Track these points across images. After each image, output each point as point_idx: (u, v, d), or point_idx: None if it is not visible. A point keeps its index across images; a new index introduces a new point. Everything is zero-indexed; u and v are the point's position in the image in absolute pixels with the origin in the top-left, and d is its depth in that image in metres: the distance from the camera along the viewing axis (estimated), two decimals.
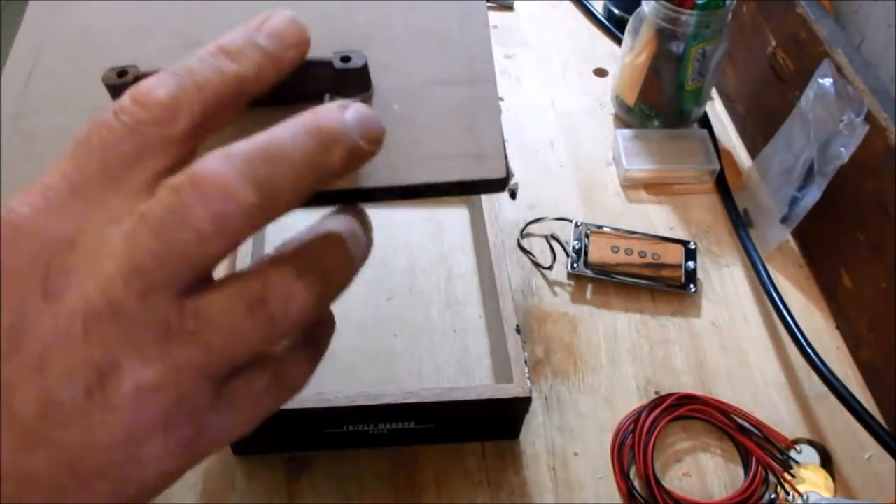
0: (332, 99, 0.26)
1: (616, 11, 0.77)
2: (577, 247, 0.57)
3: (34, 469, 0.20)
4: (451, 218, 0.59)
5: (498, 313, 0.47)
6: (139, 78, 0.24)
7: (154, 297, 0.20)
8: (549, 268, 0.57)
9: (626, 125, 0.68)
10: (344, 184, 0.25)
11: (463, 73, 0.28)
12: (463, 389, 0.43)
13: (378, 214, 0.27)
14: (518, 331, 0.46)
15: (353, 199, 0.26)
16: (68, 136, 0.22)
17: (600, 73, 0.74)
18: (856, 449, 0.49)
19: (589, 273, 0.56)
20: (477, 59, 0.29)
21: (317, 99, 0.26)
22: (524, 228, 0.59)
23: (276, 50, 0.23)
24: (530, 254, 0.58)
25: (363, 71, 0.26)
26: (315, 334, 0.26)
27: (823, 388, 0.49)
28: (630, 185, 0.64)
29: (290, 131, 0.21)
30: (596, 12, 0.79)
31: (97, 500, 0.21)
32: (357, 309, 0.53)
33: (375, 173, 0.26)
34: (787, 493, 0.45)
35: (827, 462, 0.47)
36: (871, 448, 0.48)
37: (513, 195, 0.25)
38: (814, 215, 0.55)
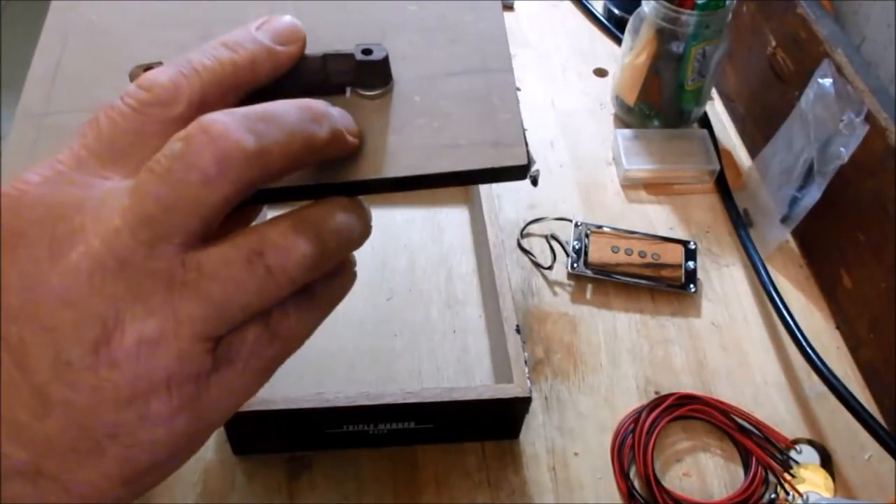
0: (353, 92, 0.27)
1: (616, 11, 0.77)
2: (577, 247, 0.57)
3: (50, 432, 0.21)
4: (451, 218, 0.59)
5: (498, 313, 0.47)
6: None
7: (159, 248, 0.21)
8: (549, 268, 0.57)
9: (626, 125, 0.68)
10: (367, 173, 0.26)
11: (480, 63, 0.29)
12: (463, 389, 0.43)
13: (378, 214, 0.27)
14: (518, 331, 0.46)
15: (378, 189, 0.26)
16: None
17: (600, 73, 0.74)
18: (856, 449, 0.49)
19: (589, 273, 0.56)
20: (493, 50, 0.29)
21: (339, 92, 0.27)
22: (524, 228, 0.59)
23: (272, 44, 0.25)
24: (530, 254, 0.58)
25: (384, 63, 0.27)
26: (319, 291, 0.26)
27: (823, 388, 0.49)
28: (630, 185, 0.64)
29: (284, 104, 0.23)
30: (596, 12, 0.79)
31: (110, 466, 0.22)
32: (357, 309, 0.53)
33: (399, 163, 0.26)
34: (787, 493, 0.45)
35: (827, 462, 0.47)
36: (871, 448, 0.48)
37: (534, 182, 0.26)
38: (814, 215, 0.55)
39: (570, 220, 0.59)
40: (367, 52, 0.27)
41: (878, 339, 0.51)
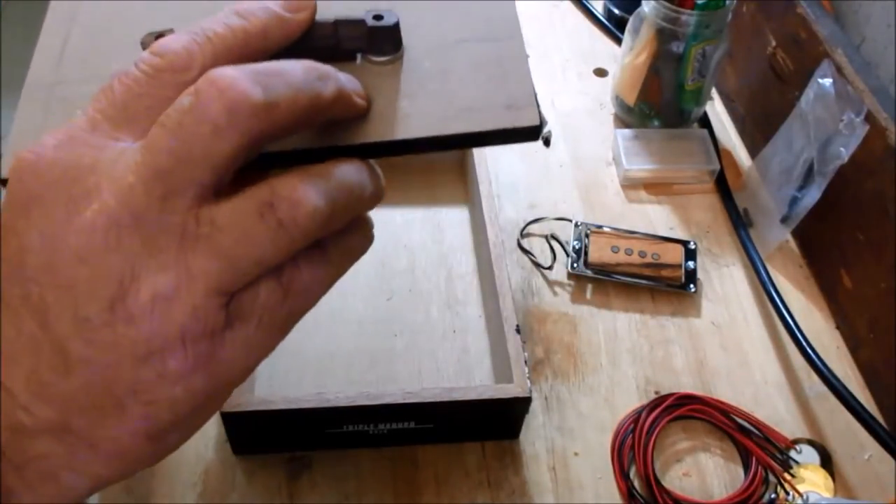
0: (364, 58, 0.28)
1: (616, 11, 0.77)
2: (577, 247, 0.57)
3: (73, 390, 0.22)
4: (451, 218, 0.59)
5: (498, 313, 0.47)
6: None
7: (172, 203, 0.22)
8: (549, 268, 0.57)
9: (626, 125, 0.68)
10: (378, 136, 0.26)
11: (489, 31, 0.29)
12: (463, 389, 0.43)
13: (378, 214, 0.27)
14: (518, 331, 0.46)
15: (392, 152, 0.27)
16: None
17: (600, 73, 0.74)
18: (856, 449, 0.49)
19: (589, 273, 0.56)
20: (501, 18, 0.30)
21: (349, 58, 0.28)
22: (524, 228, 0.59)
23: (283, 12, 0.25)
24: (530, 254, 0.58)
25: (395, 29, 0.27)
26: (332, 248, 0.26)
27: (823, 388, 0.49)
28: (630, 185, 0.64)
29: (290, 62, 0.24)
30: (596, 12, 0.79)
31: (133, 423, 0.23)
32: (357, 309, 0.53)
33: (411, 126, 0.27)
34: (787, 493, 0.45)
35: (827, 462, 0.47)
36: (871, 448, 0.48)
37: (546, 143, 0.26)
38: (814, 215, 0.55)
39: (570, 220, 0.59)
40: (377, 17, 0.27)
41: (878, 339, 0.51)
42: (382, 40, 0.27)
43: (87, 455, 0.23)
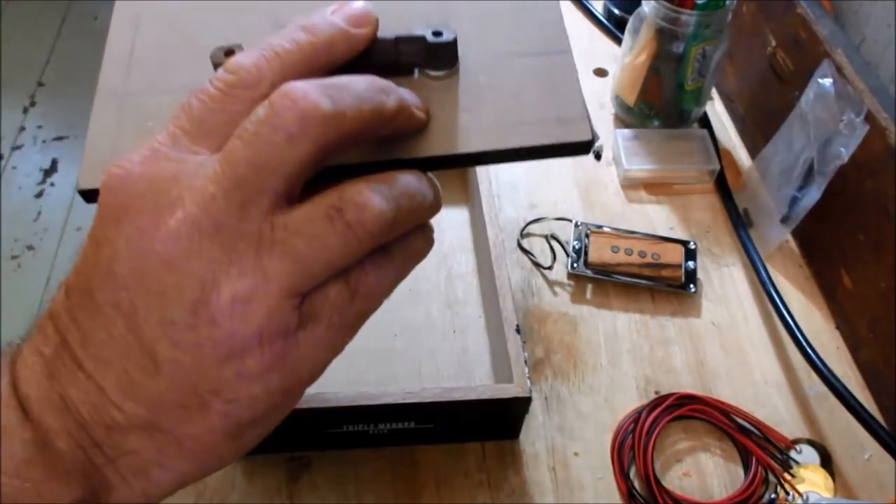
0: (421, 73, 0.29)
1: (616, 11, 0.77)
2: (577, 247, 0.57)
3: (161, 389, 0.24)
4: (451, 218, 0.59)
5: (498, 313, 0.47)
6: None
7: (250, 210, 0.23)
8: (549, 268, 0.57)
9: (626, 125, 0.68)
10: (441, 149, 0.27)
11: (541, 45, 0.30)
12: (463, 389, 0.43)
13: None
14: (518, 331, 0.46)
15: (451, 165, 0.28)
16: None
17: (600, 73, 0.74)
18: (856, 449, 0.49)
19: (589, 273, 0.56)
20: (552, 33, 0.31)
21: (408, 73, 0.29)
22: (524, 228, 0.59)
23: (347, 27, 0.26)
24: (530, 254, 0.58)
25: (453, 45, 0.28)
26: (395, 251, 0.28)
27: (823, 388, 0.49)
28: (630, 185, 0.64)
29: (354, 77, 0.25)
30: (596, 12, 0.79)
31: (214, 420, 0.24)
32: None
33: (470, 139, 0.28)
34: (787, 493, 0.45)
35: (827, 462, 0.47)
36: (871, 448, 0.48)
37: (598, 157, 0.26)
38: (814, 215, 0.55)
39: (570, 220, 0.59)
40: (437, 34, 0.28)
41: (878, 339, 0.51)
42: (441, 56, 0.28)
43: (174, 451, 0.25)
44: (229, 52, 0.27)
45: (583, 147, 0.28)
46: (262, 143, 0.23)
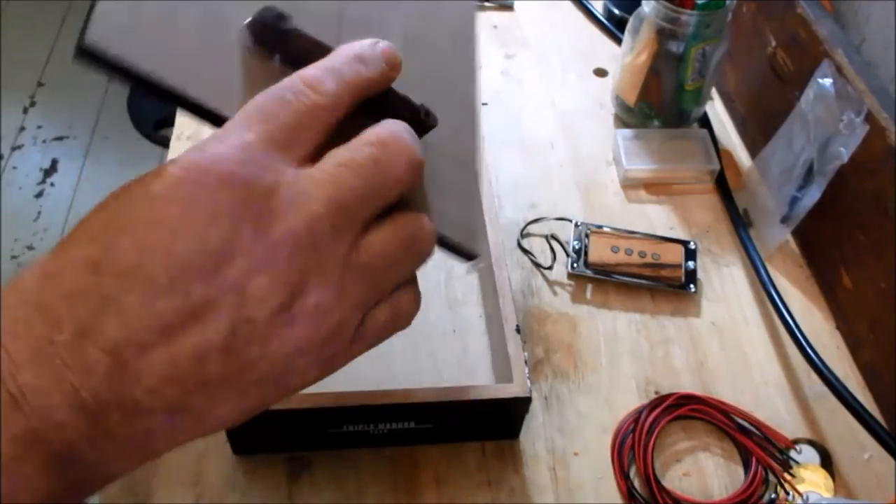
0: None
1: (616, 11, 0.77)
2: (577, 247, 0.57)
3: (209, 377, 0.25)
4: None
5: (498, 313, 0.47)
6: (295, 34, 0.29)
7: (345, 234, 0.26)
8: (549, 268, 0.57)
9: (626, 125, 0.68)
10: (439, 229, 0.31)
11: (459, 150, 0.34)
12: (463, 389, 0.43)
13: None
14: (518, 331, 0.46)
15: None
16: None
17: (600, 73, 0.74)
18: (856, 449, 0.49)
19: (589, 273, 0.56)
20: (466, 140, 0.34)
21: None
22: (524, 228, 0.59)
23: (389, 66, 0.29)
24: (530, 254, 0.58)
25: (433, 126, 0.31)
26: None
27: (823, 388, 0.49)
28: (630, 185, 0.64)
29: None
30: (596, 12, 0.79)
31: (246, 405, 0.26)
32: None
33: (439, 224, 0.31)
34: (787, 493, 0.45)
35: (827, 462, 0.47)
36: (871, 448, 0.48)
37: (475, 267, 0.29)
38: (814, 215, 0.55)
39: (570, 220, 0.59)
40: (428, 114, 0.30)
41: (878, 339, 0.51)
42: (425, 130, 0.30)
43: (190, 427, 0.26)
44: (280, 18, 0.28)
45: (469, 256, 0.32)
46: (372, 179, 0.26)
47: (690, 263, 0.57)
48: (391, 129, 0.27)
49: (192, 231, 0.24)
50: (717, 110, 0.71)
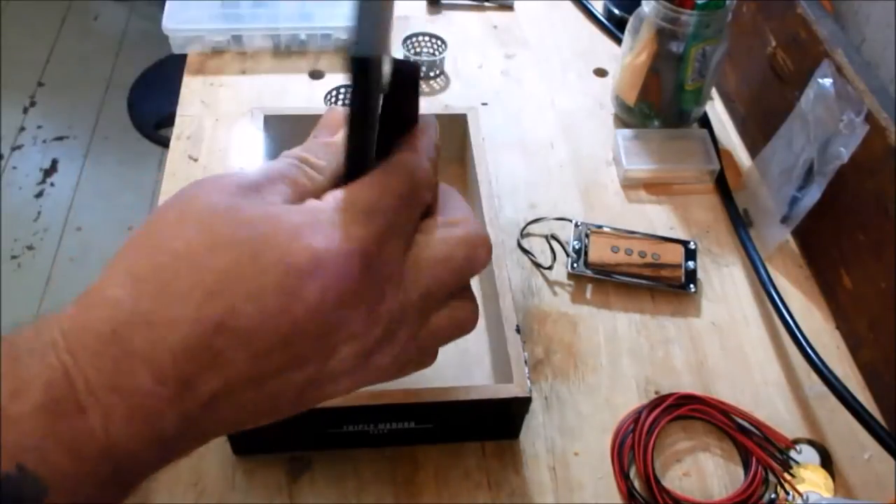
0: None
1: (616, 11, 0.77)
2: (577, 247, 0.57)
3: (259, 399, 0.27)
4: None
5: (498, 313, 0.47)
6: (408, 69, 0.30)
7: (426, 315, 0.30)
8: (549, 268, 0.57)
9: (626, 125, 0.68)
10: None
11: None
12: (463, 389, 0.43)
13: None
14: (518, 331, 0.46)
15: None
16: None
17: (600, 73, 0.74)
18: (856, 449, 0.49)
19: (589, 273, 0.56)
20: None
21: None
22: (524, 228, 0.59)
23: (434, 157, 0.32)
24: (530, 254, 0.58)
25: None
26: None
27: (823, 388, 0.49)
28: (630, 185, 0.64)
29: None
30: (596, 12, 0.79)
31: (278, 405, 0.29)
32: None
33: None
34: (787, 493, 0.45)
35: (827, 462, 0.48)
36: (871, 448, 0.48)
37: None
38: (814, 215, 0.55)
39: (570, 220, 0.59)
40: None
41: (878, 339, 0.51)
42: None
43: (206, 419, 0.26)
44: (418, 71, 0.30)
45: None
46: (461, 274, 0.31)
47: (690, 263, 0.57)
48: (479, 230, 0.31)
49: (322, 312, 0.27)
50: (717, 110, 0.71)
